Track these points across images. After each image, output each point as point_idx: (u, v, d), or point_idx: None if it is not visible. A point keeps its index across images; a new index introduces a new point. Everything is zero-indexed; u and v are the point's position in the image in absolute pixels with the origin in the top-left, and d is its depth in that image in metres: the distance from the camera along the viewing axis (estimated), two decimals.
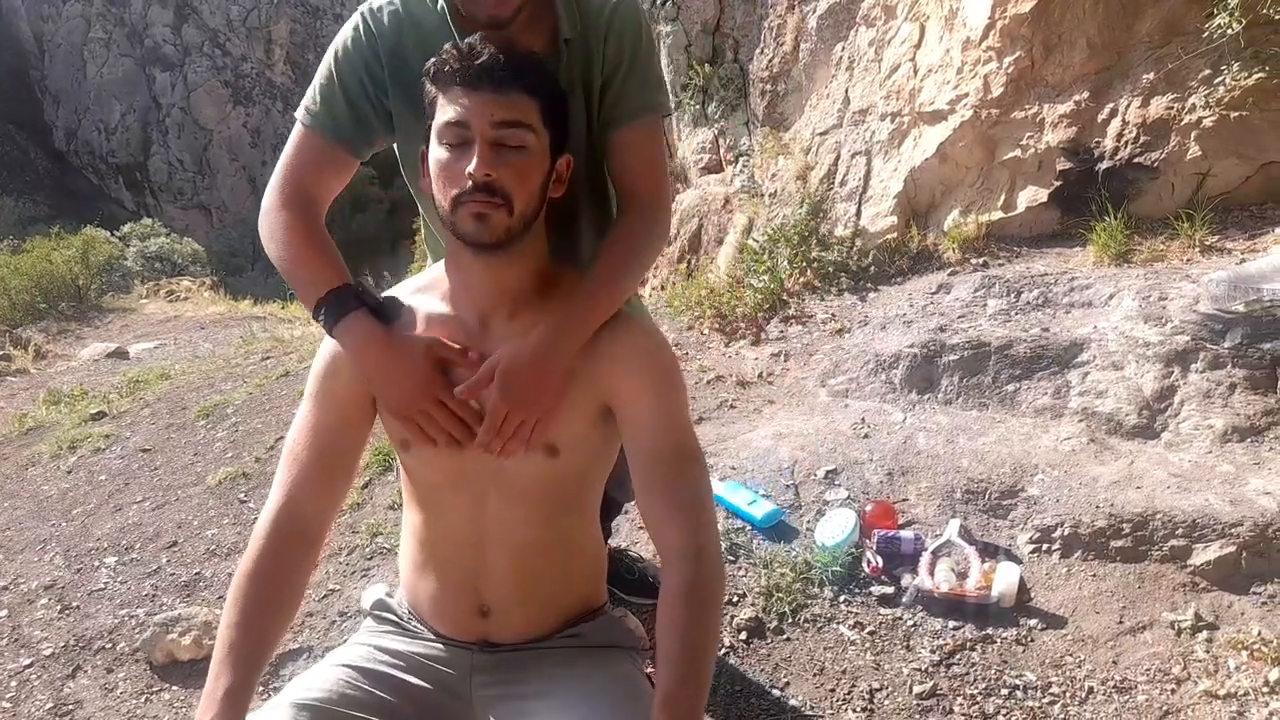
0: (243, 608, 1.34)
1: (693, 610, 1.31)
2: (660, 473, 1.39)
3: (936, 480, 3.01)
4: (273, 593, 1.37)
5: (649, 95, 1.59)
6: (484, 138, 1.28)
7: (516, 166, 1.30)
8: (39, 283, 11.43)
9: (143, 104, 37.58)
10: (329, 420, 1.45)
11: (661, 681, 1.27)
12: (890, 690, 2.34)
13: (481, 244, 1.32)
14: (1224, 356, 2.98)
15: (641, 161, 1.60)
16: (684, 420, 1.46)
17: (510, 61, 1.30)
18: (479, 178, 1.27)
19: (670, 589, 1.34)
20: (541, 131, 1.33)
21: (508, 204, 1.30)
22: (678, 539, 1.36)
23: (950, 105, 4.34)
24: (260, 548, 1.38)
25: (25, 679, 2.83)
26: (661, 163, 1.65)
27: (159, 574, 3.35)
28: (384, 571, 3.08)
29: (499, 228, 1.30)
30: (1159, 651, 2.35)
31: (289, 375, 5.48)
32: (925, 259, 4.37)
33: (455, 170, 1.30)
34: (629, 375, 1.41)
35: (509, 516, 1.45)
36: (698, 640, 1.31)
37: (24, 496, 4.34)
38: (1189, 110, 3.72)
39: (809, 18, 5.27)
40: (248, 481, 4.00)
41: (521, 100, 1.30)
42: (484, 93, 1.28)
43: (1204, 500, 2.62)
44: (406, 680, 1.49)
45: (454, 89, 1.30)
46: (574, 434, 1.43)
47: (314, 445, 1.43)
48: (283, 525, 1.40)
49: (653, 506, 1.40)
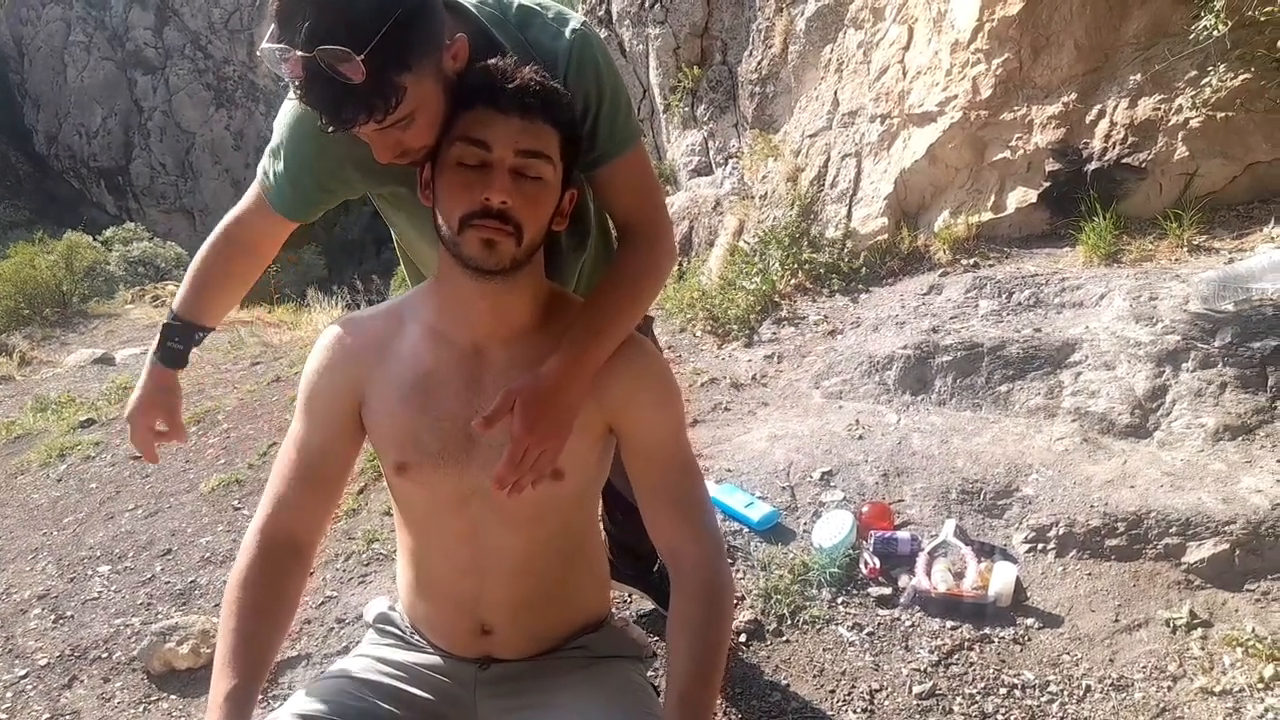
0: (238, 613, 1.34)
1: (707, 614, 1.33)
2: (668, 485, 1.41)
3: (931, 481, 3.03)
4: (266, 599, 1.37)
5: (622, 128, 1.51)
6: (506, 164, 1.25)
7: (532, 197, 1.27)
8: (22, 289, 11.33)
9: (124, 107, 37.30)
10: (315, 439, 1.43)
11: (675, 683, 1.28)
12: (890, 691, 2.35)
13: (485, 270, 1.29)
14: (1214, 355, 3.01)
15: (632, 192, 1.56)
16: (684, 432, 1.47)
17: (541, 90, 1.26)
18: (496, 203, 1.23)
19: (683, 595, 1.35)
20: (558, 164, 1.30)
21: (518, 233, 1.26)
22: (688, 550, 1.38)
23: (939, 107, 4.37)
24: (250, 558, 1.38)
25: (21, 689, 2.80)
26: (652, 186, 1.60)
27: (153, 582, 3.33)
28: (381, 578, 3.07)
29: (506, 256, 1.27)
30: (1155, 649, 2.37)
31: (280, 380, 5.46)
32: (916, 260, 4.40)
33: (470, 191, 1.25)
34: (633, 393, 1.41)
35: (508, 541, 1.43)
36: (711, 644, 1.32)
37: (13, 505, 4.30)
38: (1176, 111, 3.75)
39: (797, 20, 5.30)
40: (241, 488, 3.98)
41: (545, 131, 1.27)
42: (512, 117, 1.25)
43: (1197, 499, 2.65)
44: (410, 691, 1.49)
45: (480, 108, 1.26)
46: (579, 456, 1.41)
47: (300, 463, 1.43)
48: (269, 536, 1.40)
49: (660, 519, 1.42)
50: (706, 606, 1.33)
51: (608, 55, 1.51)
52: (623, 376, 1.40)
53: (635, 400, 1.41)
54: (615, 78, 1.50)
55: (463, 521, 1.42)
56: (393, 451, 1.41)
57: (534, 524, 1.43)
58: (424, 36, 1.20)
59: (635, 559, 2.45)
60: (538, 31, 1.44)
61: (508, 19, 1.44)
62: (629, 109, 1.53)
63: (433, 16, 1.24)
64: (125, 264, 17.94)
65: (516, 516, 1.41)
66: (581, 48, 1.44)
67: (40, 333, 10.54)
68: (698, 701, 1.26)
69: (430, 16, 1.23)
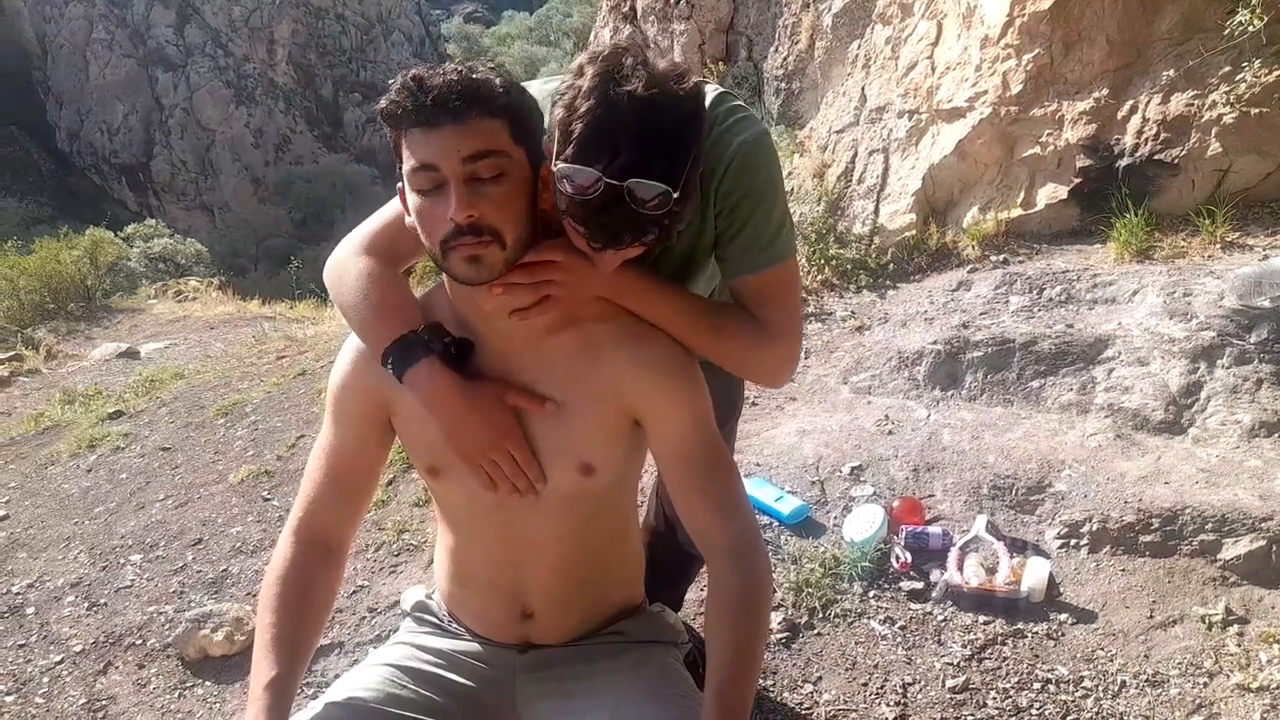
0: (276, 608, 1.37)
1: (745, 607, 1.32)
2: (695, 476, 1.40)
3: (962, 476, 3.02)
4: (302, 596, 1.40)
5: (765, 248, 1.45)
6: (456, 176, 1.19)
7: (497, 199, 1.21)
8: (48, 283, 11.41)
9: (145, 105, 37.59)
10: (344, 442, 1.45)
11: (714, 676, 1.27)
12: (923, 684, 2.35)
13: (481, 284, 1.27)
14: (1250, 352, 2.99)
15: (760, 306, 1.48)
16: (712, 422, 1.45)
17: (462, 87, 1.19)
18: (461, 221, 1.19)
19: (720, 587, 1.35)
20: (515, 149, 1.24)
21: (498, 239, 1.22)
22: (723, 539, 1.36)
23: (969, 102, 4.35)
24: (285, 557, 1.42)
25: (57, 675, 2.84)
26: (784, 303, 1.49)
27: (185, 571, 3.36)
28: (411, 568, 3.09)
29: (496, 264, 1.24)
30: (1190, 645, 2.35)
31: (305, 374, 5.49)
32: (944, 256, 4.38)
33: (435, 216, 1.22)
34: (656, 386, 1.39)
35: (546, 534, 1.45)
36: (750, 635, 1.31)
37: (45, 495, 4.35)
38: (1209, 107, 3.72)
39: (824, 15, 5.28)
40: (270, 479, 4.01)
41: (485, 124, 1.20)
42: (444, 128, 1.19)
43: (1233, 495, 2.63)
44: (450, 678, 1.50)
45: (413, 131, 1.21)
46: (608, 450, 1.42)
47: (330, 466, 1.45)
48: (303, 537, 1.44)
49: (693, 510, 1.40)
50: (741, 603, 1.32)
51: (770, 169, 1.45)
52: (642, 367, 1.39)
53: (656, 391, 1.39)
54: (766, 194, 1.43)
55: (499, 518, 1.43)
56: (425, 455, 1.43)
57: (569, 518, 1.44)
58: (701, 169, 1.25)
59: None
60: (711, 143, 1.40)
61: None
62: (780, 227, 1.46)
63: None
64: (146, 260, 18.10)
65: (552, 512, 1.42)
66: (738, 162, 1.41)
67: (65, 327, 10.61)
68: (732, 697, 1.25)
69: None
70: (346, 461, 1.45)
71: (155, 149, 37.31)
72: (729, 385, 1.98)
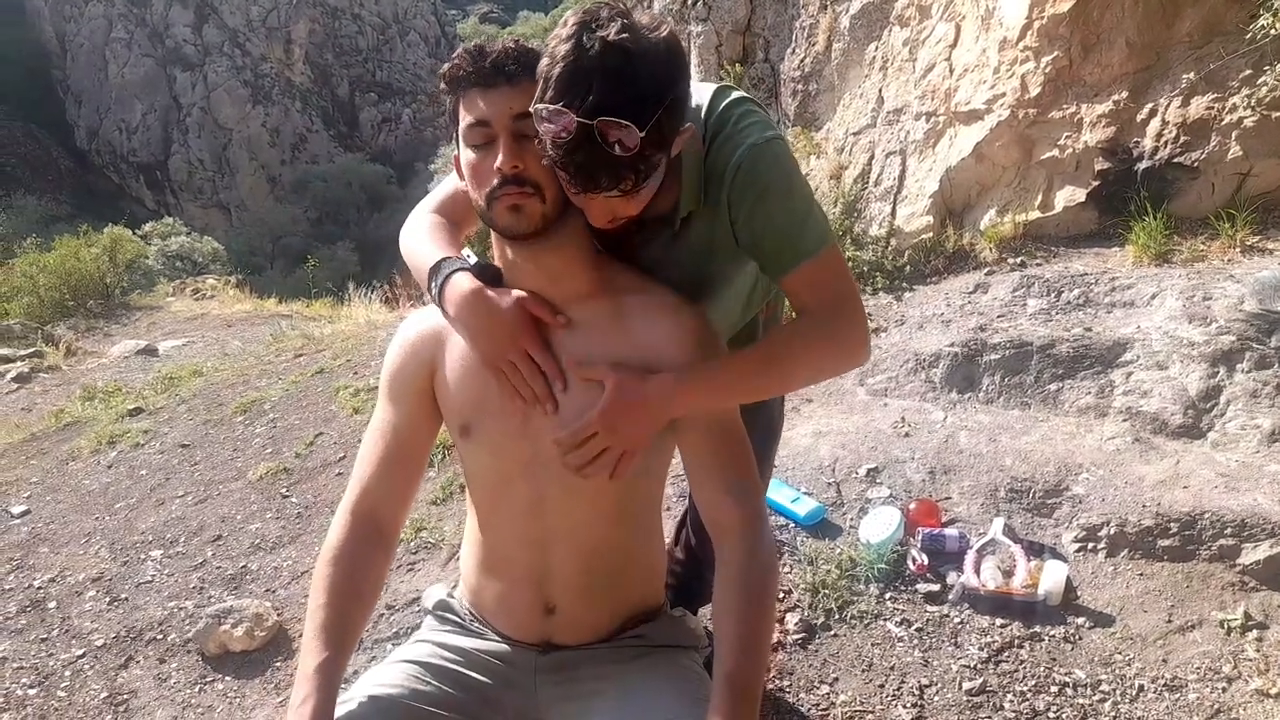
0: (328, 589, 1.40)
1: (750, 590, 1.35)
2: (713, 453, 1.44)
3: (979, 479, 3.02)
4: (355, 576, 1.43)
5: (793, 247, 1.45)
6: (506, 131, 1.31)
7: (540, 155, 1.29)
8: (67, 280, 11.55)
9: (163, 104, 37.89)
10: (397, 420, 1.51)
11: (722, 660, 1.29)
12: (940, 686, 2.35)
13: (520, 234, 1.36)
14: (1271, 356, 2.98)
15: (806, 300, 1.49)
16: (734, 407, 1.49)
17: (519, 53, 1.32)
18: (507, 170, 1.30)
19: (727, 568, 1.38)
20: None
21: (539, 192, 1.32)
22: (731, 519, 1.40)
23: (987, 105, 4.34)
24: (339, 536, 1.46)
25: (78, 669, 2.87)
26: (833, 288, 1.48)
27: (205, 567, 3.39)
28: (429, 566, 3.11)
29: (535, 215, 1.33)
30: (1209, 650, 2.35)
31: (324, 372, 5.52)
32: (961, 259, 4.37)
33: (484, 168, 1.33)
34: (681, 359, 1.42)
35: (574, 515, 1.47)
36: (756, 617, 1.34)
37: (66, 490, 4.39)
38: (1230, 110, 3.71)
39: (842, 17, 5.28)
40: (289, 477, 4.04)
41: (534, 88, 1.27)
42: (500, 88, 1.31)
43: (1252, 500, 2.62)
44: (471, 676, 1.52)
45: (471, 92, 1.33)
46: None
47: (383, 445, 1.51)
48: (357, 516, 1.47)
49: (705, 488, 1.44)
50: (746, 585, 1.35)
51: (781, 167, 1.45)
52: (674, 344, 1.43)
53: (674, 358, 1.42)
54: (782, 195, 1.44)
55: (527, 489, 1.46)
56: (457, 416, 1.48)
57: (599, 498, 1.46)
58: (678, 122, 1.28)
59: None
60: (719, 146, 1.45)
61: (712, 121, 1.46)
62: (804, 220, 1.46)
63: (686, 104, 1.33)
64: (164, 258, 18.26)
65: (582, 489, 1.44)
66: (744, 172, 1.42)
67: (84, 324, 10.73)
68: (740, 681, 1.28)
69: (685, 104, 1.32)
70: (400, 438, 1.51)
71: (173, 148, 37.61)
72: (769, 413, 2.05)
